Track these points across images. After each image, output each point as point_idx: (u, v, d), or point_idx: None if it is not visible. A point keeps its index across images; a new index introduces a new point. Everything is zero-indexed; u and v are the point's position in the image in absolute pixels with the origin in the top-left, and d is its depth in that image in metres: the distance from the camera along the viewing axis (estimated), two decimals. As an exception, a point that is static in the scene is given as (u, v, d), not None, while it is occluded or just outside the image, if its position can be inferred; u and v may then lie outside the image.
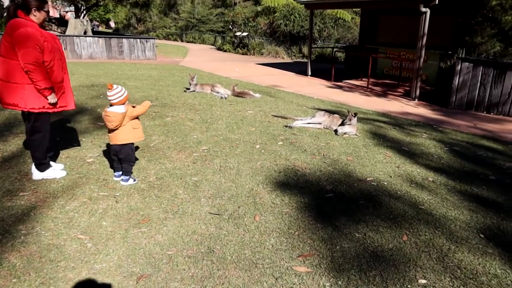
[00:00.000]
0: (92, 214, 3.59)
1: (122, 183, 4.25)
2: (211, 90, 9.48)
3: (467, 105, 9.69)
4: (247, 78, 12.76)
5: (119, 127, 4.06)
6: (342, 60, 16.72)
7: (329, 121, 7.07)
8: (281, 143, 6.00)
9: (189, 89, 9.61)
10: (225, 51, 22.67)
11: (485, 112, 9.43)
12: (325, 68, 15.58)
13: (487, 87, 9.40)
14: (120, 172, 4.32)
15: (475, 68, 9.49)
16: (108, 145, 5.02)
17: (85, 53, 15.56)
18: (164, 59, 17.03)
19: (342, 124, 6.85)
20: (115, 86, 4.01)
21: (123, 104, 4.05)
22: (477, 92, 9.58)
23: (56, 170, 4.34)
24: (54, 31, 20.52)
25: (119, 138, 4.11)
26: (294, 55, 20.63)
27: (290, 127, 6.91)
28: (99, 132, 6.00)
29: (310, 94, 10.56)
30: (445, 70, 10.61)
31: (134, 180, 4.30)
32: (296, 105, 8.94)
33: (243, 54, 21.61)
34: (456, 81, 9.76)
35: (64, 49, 15.13)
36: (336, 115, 7.19)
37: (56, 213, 3.56)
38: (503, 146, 6.55)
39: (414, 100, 10.60)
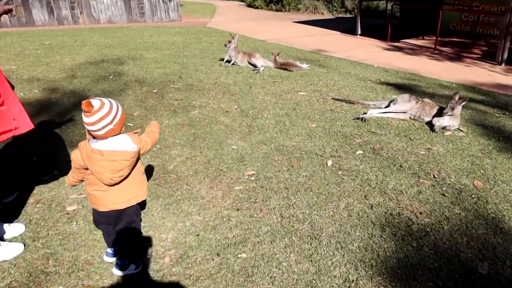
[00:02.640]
0: None
1: (115, 272, 2.26)
2: (248, 62, 7.24)
3: None
4: (285, 40, 10.36)
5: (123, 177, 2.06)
6: (396, 14, 13.90)
7: (418, 109, 4.81)
8: (361, 152, 3.85)
9: (223, 59, 7.37)
10: (257, 7, 19.89)
11: None
12: (374, 24, 12.85)
13: None
14: (114, 250, 2.33)
15: None
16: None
17: (103, 17, 13.39)
18: (190, 20, 14.64)
19: (440, 113, 4.59)
20: (96, 102, 1.96)
21: (120, 131, 2.03)
22: None
23: (4, 248, 2.38)
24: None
25: (122, 197, 2.12)
26: (335, 10, 17.67)
27: (364, 120, 4.71)
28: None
29: (367, 60, 8.17)
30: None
31: (137, 268, 2.30)
32: (355, 79, 6.64)
33: (277, 10, 18.80)
34: None
35: (80, 13, 13.00)
36: (427, 100, 4.90)
37: None
38: None
39: (501, 64, 8.05)
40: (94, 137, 1.99)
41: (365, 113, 4.86)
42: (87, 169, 2.01)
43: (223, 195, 3.05)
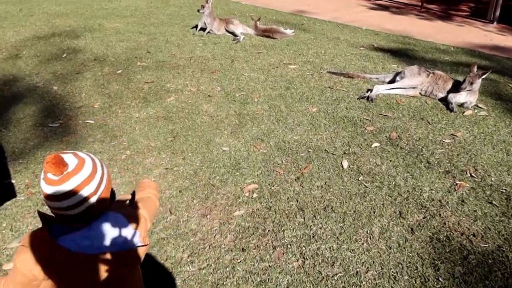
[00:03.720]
0: None
1: None
2: (225, 29, 6.25)
3: None
4: (262, 1, 9.27)
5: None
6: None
7: (430, 84, 4.09)
8: (377, 145, 3.13)
9: (196, 27, 6.34)
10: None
11: None
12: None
13: None
14: None
15: None
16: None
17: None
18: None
19: (456, 89, 3.90)
20: (71, 158, 1.11)
21: (105, 208, 1.17)
22: None
23: None
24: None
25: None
26: None
27: (371, 100, 3.97)
28: (50, 149, 3.09)
29: (354, 22, 7.31)
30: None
31: None
32: (346, 45, 5.83)
33: None
34: None
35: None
36: (438, 72, 4.18)
37: None
38: None
39: (493, 23, 7.37)
40: (61, 222, 1.13)
41: (370, 90, 4.10)
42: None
43: (221, 227, 2.27)
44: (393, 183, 2.69)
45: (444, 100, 3.99)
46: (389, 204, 2.48)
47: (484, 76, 3.82)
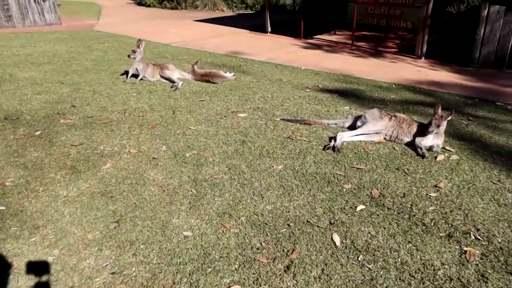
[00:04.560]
0: None
1: None
2: (160, 75, 5.62)
3: (496, 63, 6.90)
4: (193, 43, 8.83)
5: None
6: (296, 8, 13.06)
7: (394, 128, 3.81)
8: (362, 207, 2.68)
9: (126, 74, 5.62)
10: (149, 6, 17.59)
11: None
12: (279, 20, 11.86)
13: (525, 38, 6.63)
14: None
15: (509, 13, 6.64)
16: None
17: (-45, 23, 10.30)
18: (72, 22, 12.09)
19: (422, 132, 3.65)
20: None
21: None
22: (510, 45, 6.78)
23: None
24: None
25: None
26: (235, 6, 16.28)
27: (338, 150, 3.56)
28: None
29: (291, 62, 7.11)
30: (457, 16, 7.67)
31: None
32: (291, 87, 5.52)
33: (172, 8, 16.77)
34: (481, 30, 6.86)
35: None
36: (400, 116, 3.94)
37: None
38: None
39: (421, 58, 7.62)
40: None
41: (334, 139, 3.70)
42: None
43: None
44: (399, 260, 2.20)
45: (411, 145, 3.71)
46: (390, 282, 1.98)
47: (449, 118, 3.60)
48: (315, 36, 9.82)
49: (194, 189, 2.86)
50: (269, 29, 10.08)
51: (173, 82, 5.42)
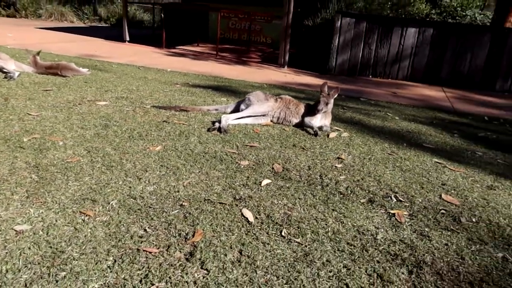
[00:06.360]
0: None
1: None
2: (-16, 65, 4.28)
3: (350, 70, 7.42)
4: (36, 46, 7.32)
5: None
6: (155, 25, 12.29)
7: (281, 109, 3.46)
8: (268, 181, 2.16)
9: None
10: (-24, 13, 14.65)
11: (371, 76, 7.40)
12: (137, 34, 10.94)
13: (372, 47, 7.30)
14: None
15: (358, 25, 7.25)
16: None
17: None
18: None
19: (311, 112, 3.36)
20: None
21: None
22: (361, 54, 7.39)
23: None
24: None
25: None
26: (87, 18, 14.56)
27: (225, 131, 2.99)
28: None
29: (155, 65, 6.41)
30: (313, 29, 8.05)
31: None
32: (159, 83, 4.83)
33: (8, 16, 14.14)
34: (336, 41, 7.33)
35: None
36: (286, 97, 3.61)
37: None
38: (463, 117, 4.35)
39: (283, 67, 7.73)
40: None
41: (218, 121, 3.13)
42: None
43: None
44: (330, 229, 1.70)
45: (300, 126, 3.38)
46: (351, 266, 1.46)
47: (336, 95, 3.39)
48: (178, 47, 9.28)
49: (34, 175, 1.92)
50: (127, 38, 9.17)
51: (6, 72, 4.16)
